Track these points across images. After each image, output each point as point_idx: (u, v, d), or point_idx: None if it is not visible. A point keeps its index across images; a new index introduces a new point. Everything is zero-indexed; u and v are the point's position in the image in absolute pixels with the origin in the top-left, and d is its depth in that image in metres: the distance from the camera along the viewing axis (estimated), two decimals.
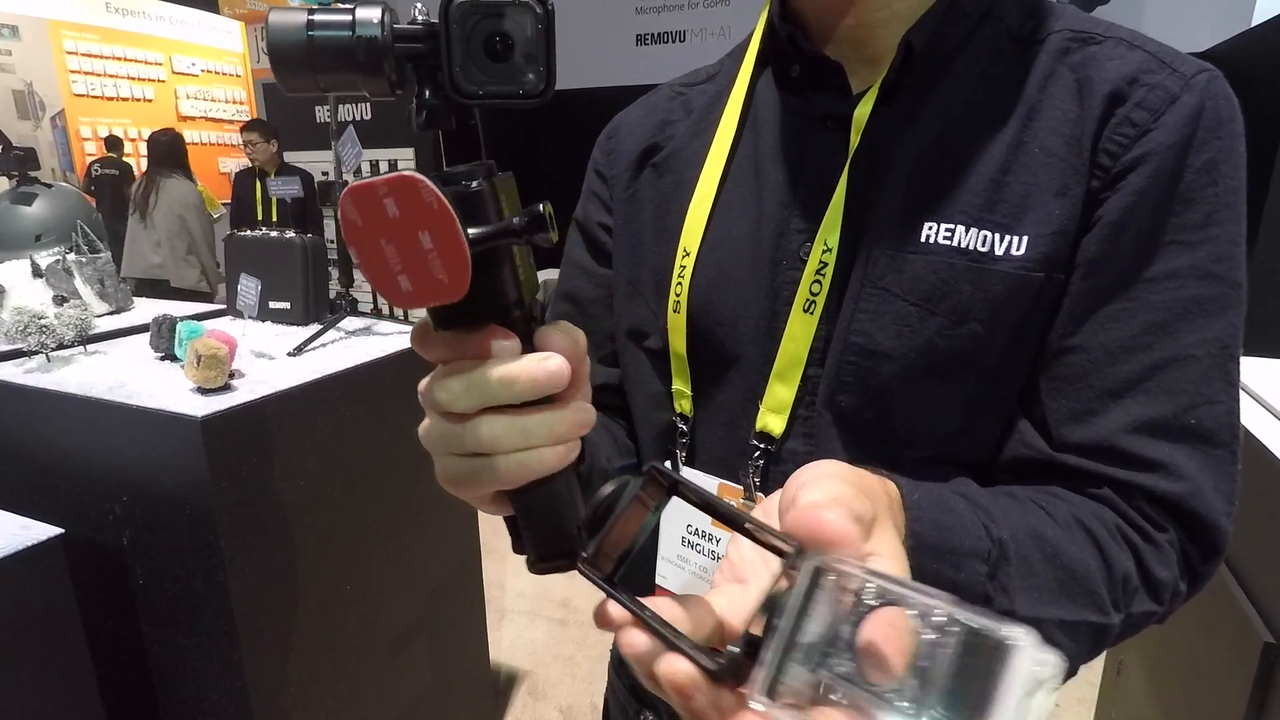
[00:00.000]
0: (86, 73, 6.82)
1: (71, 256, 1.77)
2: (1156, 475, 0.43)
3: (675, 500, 0.32)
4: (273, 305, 1.65)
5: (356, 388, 1.38)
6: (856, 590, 0.24)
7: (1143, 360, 0.43)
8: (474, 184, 0.31)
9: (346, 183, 1.56)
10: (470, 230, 0.29)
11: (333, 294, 1.64)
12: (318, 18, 0.31)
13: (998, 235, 0.45)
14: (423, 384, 0.34)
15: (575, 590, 2.66)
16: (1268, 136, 2.84)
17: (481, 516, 1.85)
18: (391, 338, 1.57)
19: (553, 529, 0.36)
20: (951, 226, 0.46)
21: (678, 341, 0.55)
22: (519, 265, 0.33)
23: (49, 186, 1.84)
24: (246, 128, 4.04)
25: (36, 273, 1.68)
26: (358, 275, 4.48)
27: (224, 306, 1.86)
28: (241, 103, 8.45)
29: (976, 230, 0.45)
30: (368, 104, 4.53)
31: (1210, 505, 0.43)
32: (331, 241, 3.74)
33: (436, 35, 0.30)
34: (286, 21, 0.31)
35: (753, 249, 0.52)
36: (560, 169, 6.02)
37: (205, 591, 1.19)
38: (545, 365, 0.32)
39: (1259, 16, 3.74)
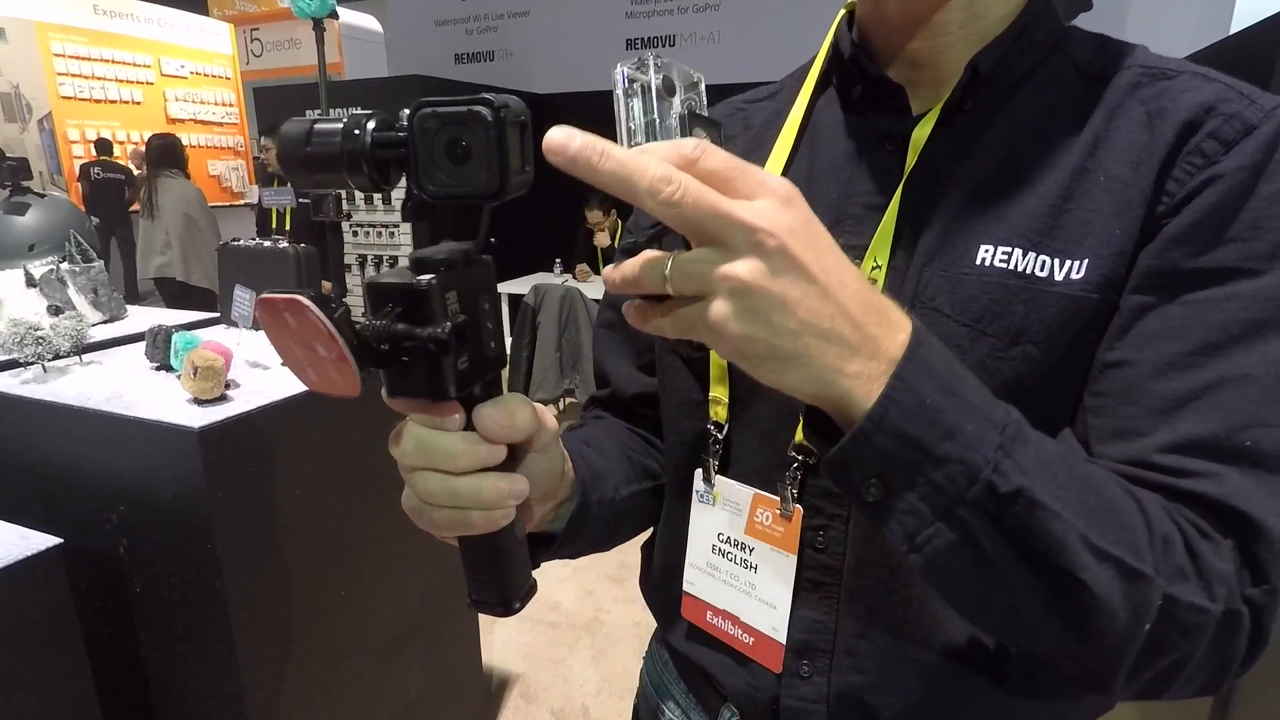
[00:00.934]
0: (74, 75, 6.80)
1: (65, 266, 1.78)
2: (1206, 481, 0.39)
3: (705, 509, 0.41)
4: None
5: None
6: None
7: (1194, 378, 0.41)
8: (423, 280, 0.34)
9: (339, 195, 1.59)
10: (401, 325, 0.34)
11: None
12: (317, 127, 0.36)
13: (1056, 260, 0.44)
14: (392, 433, 0.39)
15: (566, 594, 2.68)
16: None
17: None
18: None
19: (488, 577, 0.41)
20: (1008, 250, 0.46)
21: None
22: (468, 348, 0.36)
23: (42, 196, 1.85)
24: (264, 133, 4.05)
25: (30, 283, 1.70)
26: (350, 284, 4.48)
27: (217, 315, 1.88)
28: (231, 105, 8.43)
29: (1035, 254, 0.45)
30: (357, 109, 4.52)
31: (1270, 511, 0.38)
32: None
33: (407, 143, 0.35)
34: (293, 131, 0.36)
35: None
36: (549, 171, 6.05)
37: (201, 598, 1.22)
38: (481, 449, 0.37)
39: (1237, 24, 3.81)
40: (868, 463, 0.35)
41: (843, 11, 0.58)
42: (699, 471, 0.59)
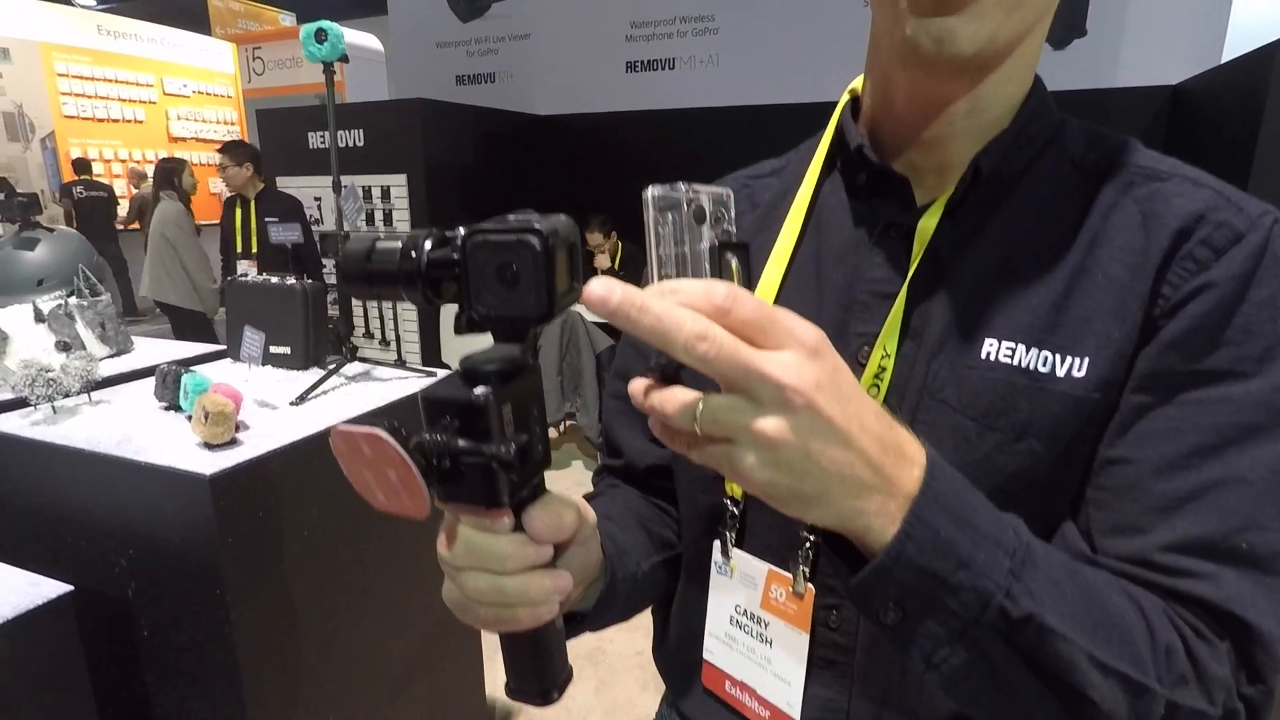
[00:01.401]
0: (77, 94, 6.84)
1: (73, 300, 1.79)
2: (1204, 583, 0.41)
3: (723, 580, 0.44)
4: (273, 350, 1.69)
5: None
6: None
7: (1191, 479, 0.43)
8: (480, 394, 0.35)
9: (348, 234, 1.61)
10: (462, 441, 0.35)
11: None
12: (378, 246, 0.38)
13: (1058, 356, 0.46)
14: (440, 535, 0.40)
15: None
16: (1238, 167, 2.94)
17: None
18: (391, 383, 1.61)
19: (528, 668, 0.42)
20: (1013, 345, 0.47)
21: None
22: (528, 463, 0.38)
23: (51, 231, 1.87)
24: (220, 150, 3.89)
25: (39, 318, 1.71)
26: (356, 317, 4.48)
27: (224, 348, 1.89)
28: (232, 123, 8.48)
29: (1037, 350, 0.47)
30: (360, 131, 4.57)
31: (1265, 615, 0.40)
32: (332, 284, 3.77)
33: (460, 264, 0.37)
34: (356, 249, 0.39)
35: None
36: (549, 192, 6.02)
37: (209, 641, 1.22)
38: (529, 551, 0.38)
39: (1228, 53, 3.87)
40: (886, 591, 0.37)
41: (846, 97, 0.60)
42: (716, 543, 0.60)
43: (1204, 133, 3.56)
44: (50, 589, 1.06)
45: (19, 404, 1.39)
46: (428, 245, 0.36)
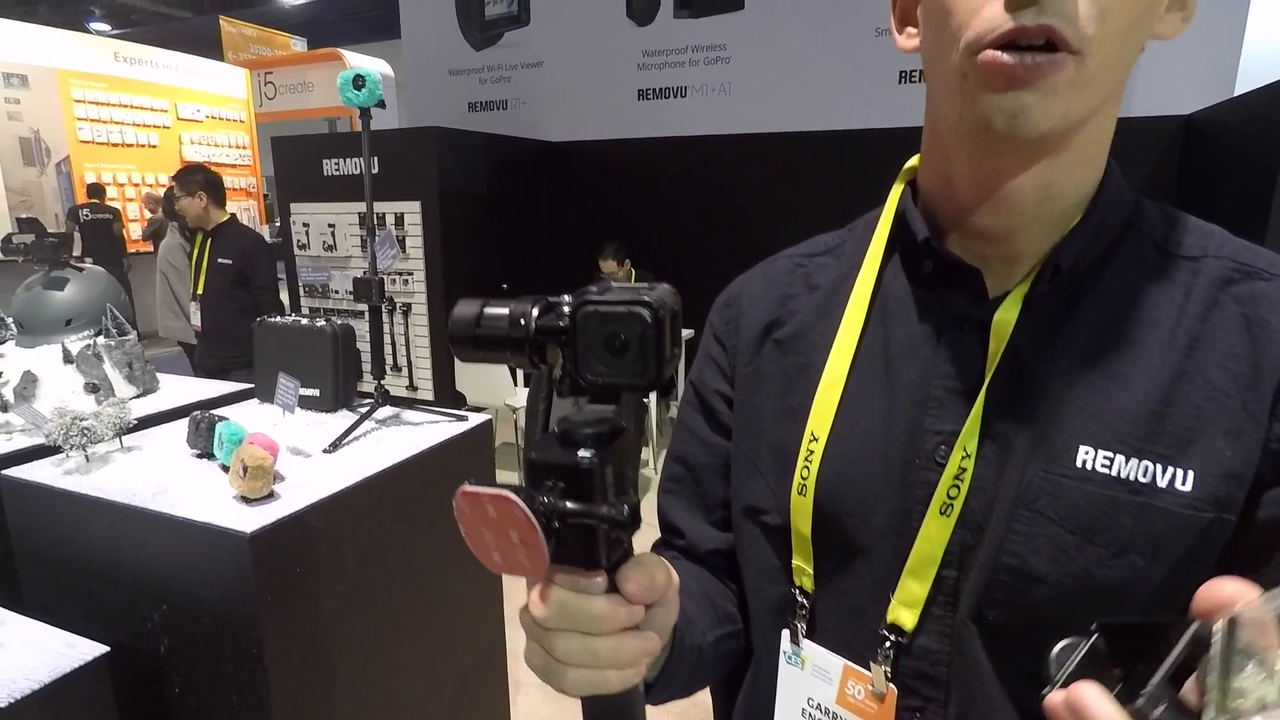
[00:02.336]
0: (93, 120, 6.92)
1: (101, 340, 1.79)
2: None
3: (794, 670, 0.40)
4: (303, 392, 1.67)
5: (393, 486, 1.40)
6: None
7: None
8: (586, 458, 0.36)
9: (381, 280, 1.60)
10: (569, 503, 0.36)
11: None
12: (486, 311, 0.39)
13: (1159, 466, 0.44)
14: (531, 596, 0.39)
15: None
16: (1255, 199, 2.94)
17: (505, 590, 1.85)
18: (422, 428, 1.60)
19: None
20: (1110, 455, 0.45)
21: (802, 523, 0.55)
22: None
23: (80, 270, 1.86)
24: (172, 179, 3.37)
25: (67, 359, 1.70)
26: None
27: (250, 386, 1.88)
28: (245, 147, 8.56)
29: (1137, 460, 0.44)
30: (375, 159, 4.59)
31: None
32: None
33: (569, 331, 0.37)
34: (465, 314, 0.40)
35: (884, 444, 0.52)
36: (561, 218, 6.05)
37: (244, 701, 1.19)
38: (623, 611, 0.38)
39: (1241, 84, 3.89)
40: None
41: (900, 186, 0.58)
42: (786, 632, 0.58)
43: (1219, 164, 3.57)
44: (86, 650, 1.04)
45: (50, 450, 1.38)
46: (535, 313, 0.38)
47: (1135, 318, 0.47)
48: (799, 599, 0.56)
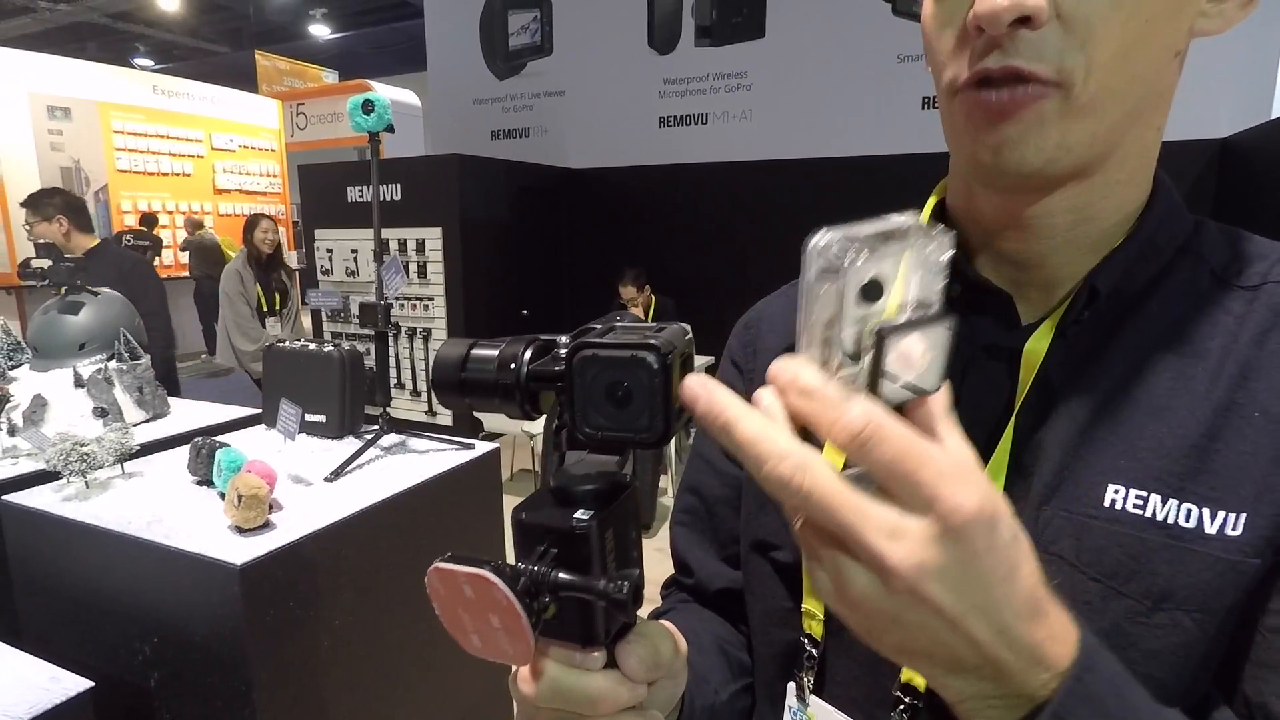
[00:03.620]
0: (131, 150, 7.14)
1: (113, 365, 1.78)
2: None
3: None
4: (309, 418, 1.65)
5: (394, 516, 1.36)
6: None
7: None
8: (583, 522, 0.32)
9: (389, 304, 1.58)
10: (562, 574, 0.32)
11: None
12: (473, 353, 0.35)
13: (1205, 510, 0.39)
14: (520, 670, 0.36)
15: None
16: None
17: None
18: (428, 455, 1.56)
19: None
20: (1143, 495, 0.40)
21: None
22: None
23: (95, 294, 1.87)
24: (23, 205, 2.86)
25: (78, 383, 1.70)
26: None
27: (259, 411, 1.86)
28: (275, 175, 8.78)
29: (1176, 502, 0.40)
30: (397, 185, 4.66)
31: None
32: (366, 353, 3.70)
33: (565, 377, 0.33)
34: (450, 355, 0.36)
35: None
36: (581, 244, 6.08)
37: None
38: (623, 691, 0.34)
39: (1279, 107, 3.78)
40: None
41: (933, 200, 0.54)
42: (791, 685, 0.53)
43: (1257, 188, 3.46)
44: (71, 684, 1.00)
45: (53, 475, 1.36)
46: (527, 355, 0.34)
47: (1180, 348, 0.43)
48: (808, 647, 0.52)
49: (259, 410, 1.86)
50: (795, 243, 0.61)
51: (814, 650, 0.51)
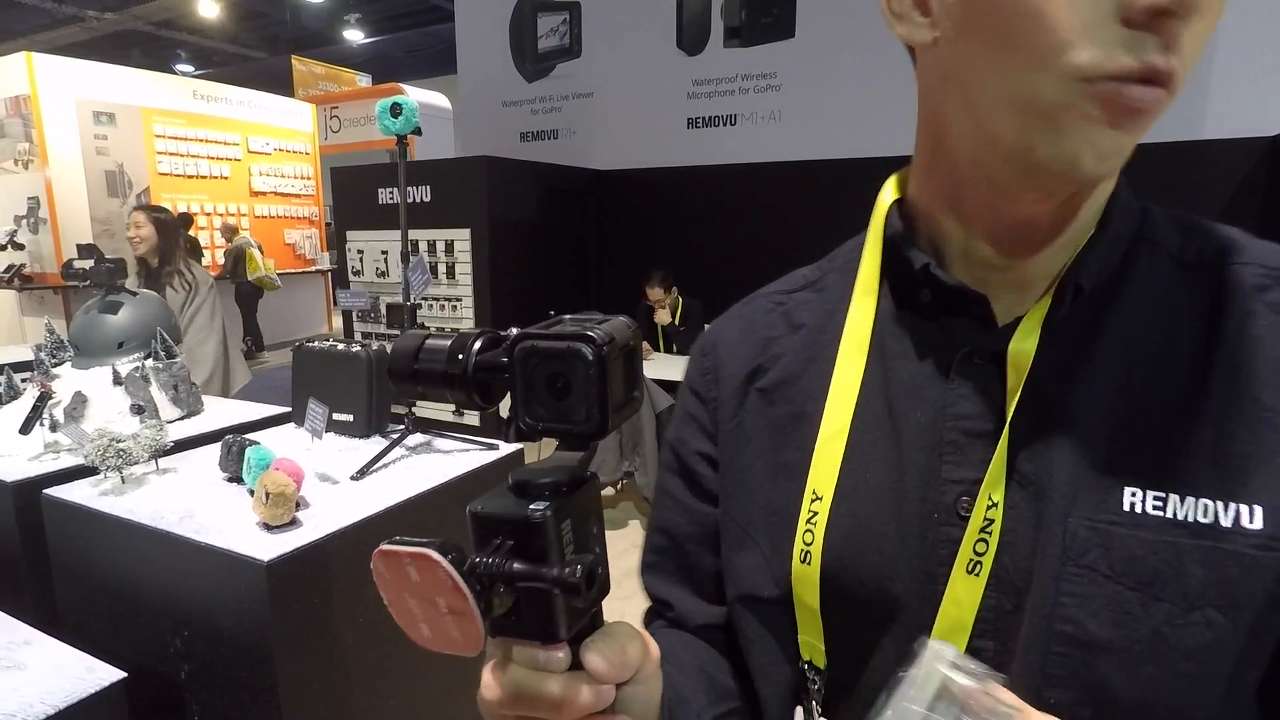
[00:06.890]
0: (171, 154, 7.34)
1: (149, 363, 1.83)
2: None
3: None
4: (336, 417, 1.67)
5: (418, 515, 1.37)
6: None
7: None
8: (538, 511, 0.31)
9: (415, 305, 1.60)
10: (518, 565, 0.31)
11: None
12: (426, 344, 0.36)
13: (1221, 504, 0.39)
14: (484, 675, 0.35)
15: None
16: None
17: None
18: (453, 455, 1.57)
19: None
20: (1161, 495, 0.40)
21: (807, 595, 0.49)
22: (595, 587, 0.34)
23: (134, 294, 1.93)
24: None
25: (117, 380, 1.75)
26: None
27: (289, 410, 1.89)
28: (309, 178, 8.94)
29: (1194, 499, 0.39)
30: (427, 187, 4.72)
31: None
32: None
33: (509, 369, 0.34)
34: (405, 346, 0.37)
35: (895, 499, 0.46)
36: (609, 245, 6.06)
37: None
38: (587, 692, 0.33)
39: None
40: None
41: (885, 201, 0.52)
42: (799, 710, 0.52)
43: None
44: (105, 674, 1.02)
45: (91, 470, 1.40)
46: (476, 347, 0.35)
47: (1163, 340, 0.43)
48: (810, 675, 0.50)
49: (289, 409, 1.90)
50: (823, 244, 0.59)
51: (816, 678, 0.50)
